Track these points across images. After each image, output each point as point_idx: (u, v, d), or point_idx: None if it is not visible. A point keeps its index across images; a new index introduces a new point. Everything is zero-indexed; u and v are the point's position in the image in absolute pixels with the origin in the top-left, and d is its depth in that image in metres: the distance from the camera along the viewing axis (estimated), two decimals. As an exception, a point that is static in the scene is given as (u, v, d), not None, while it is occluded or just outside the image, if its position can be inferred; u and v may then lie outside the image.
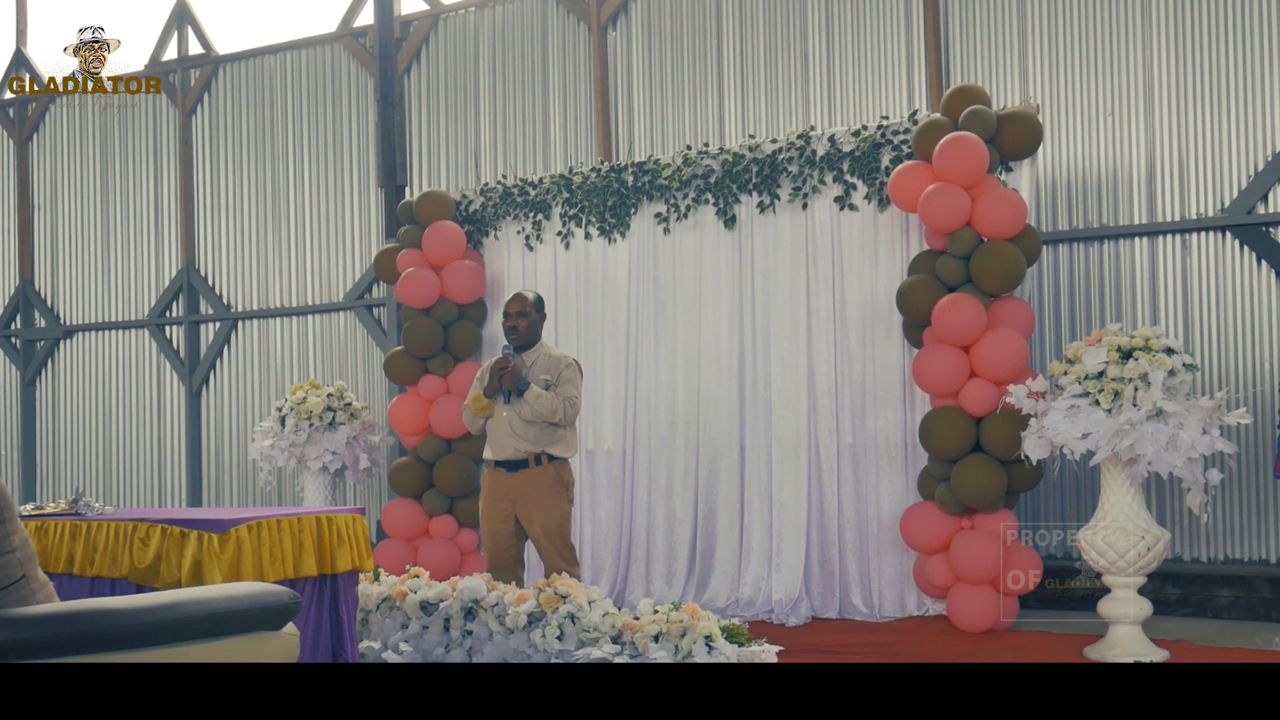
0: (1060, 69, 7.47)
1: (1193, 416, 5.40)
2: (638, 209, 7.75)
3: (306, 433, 8.29)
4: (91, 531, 4.56)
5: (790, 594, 6.94)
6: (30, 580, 2.49)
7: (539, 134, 9.16)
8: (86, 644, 2.33)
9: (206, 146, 10.67)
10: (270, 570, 4.36)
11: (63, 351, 11.43)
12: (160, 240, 10.90)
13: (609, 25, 8.92)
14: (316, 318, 10.09)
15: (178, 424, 10.76)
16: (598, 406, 7.75)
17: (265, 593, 2.70)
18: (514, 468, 5.89)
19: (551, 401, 5.76)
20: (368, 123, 9.84)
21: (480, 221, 8.36)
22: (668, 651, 4.85)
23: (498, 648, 5.24)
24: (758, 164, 7.33)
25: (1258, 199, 6.91)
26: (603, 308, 7.89)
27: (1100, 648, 5.63)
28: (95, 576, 4.52)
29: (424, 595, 5.51)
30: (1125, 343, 5.52)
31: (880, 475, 6.97)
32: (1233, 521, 6.92)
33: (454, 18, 9.61)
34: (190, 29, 10.76)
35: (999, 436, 6.21)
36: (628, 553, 7.64)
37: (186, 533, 4.32)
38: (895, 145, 6.94)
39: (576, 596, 5.21)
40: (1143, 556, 5.52)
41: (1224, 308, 6.99)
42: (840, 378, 7.09)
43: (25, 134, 11.63)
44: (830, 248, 7.16)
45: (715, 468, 7.42)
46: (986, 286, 6.34)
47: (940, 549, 6.44)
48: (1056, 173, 7.41)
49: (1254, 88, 6.97)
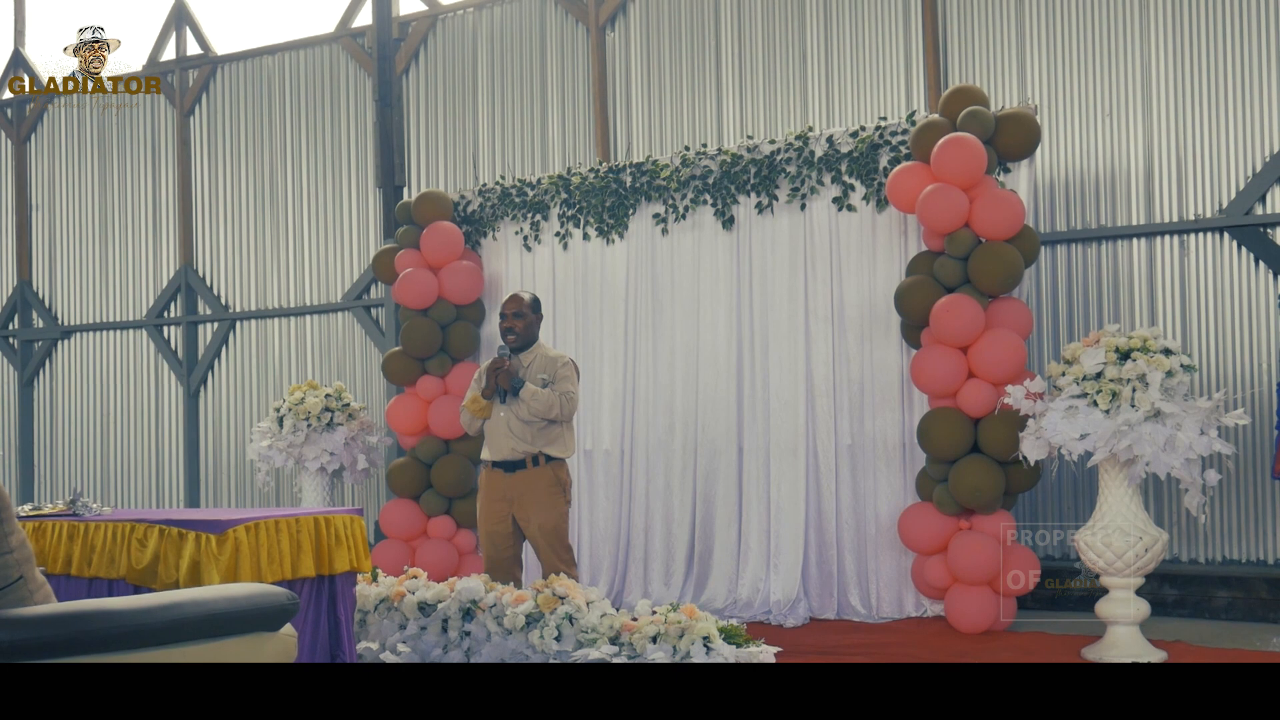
0: (1058, 70, 7.48)
1: (1191, 417, 5.40)
2: (636, 210, 7.75)
3: (304, 433, 8.29)
4: (89, 532, 4.56)
5: (788, 595, 6.94)
6: (28, 581, 2.48)
7: (537, 135, 9.16)
8: (84, 645, 2.33)
9: (205, 147, 10.66)
10: (268, 571, 4.36)
11: (60, 352, 11.43)
12: (158, 241, 10.89)
13: (607, 26, 8.92)
14: (314, 318, 10.08)
15: (175, 424, 10.75)
16: (596, 407, 7.75)
17: (263, 594, 2.70)
18: (511, 468, 5.89)
19: (548, 397, 5.77)
20: (366, 123, 9.84)
21: (478, 222, 8.36)
22: (666, 652, 4.85)
23: (495, 648, 5.24)
24: (756, 165, 7.33)
25: (1255, 200, 6.91)
26: (601, 308, 7.89)
27: (1098, 648, 5.63)
28: (93, 577, 4.52)
29: (422, 596, 5.51)
30: (1123, 343, 5.53)
31: (878, 476, 6.97)
32: (1231, 522, 6.93)
33: (452, 18, 9.61)
34: (188, 29, 10.76)
35: (997, 437, 6.21)
36: (626, 553, 7.64)
37: (184, 533, 4.32)
38: (893, 146, 6.94)
39: (574, 597, 5.21)
40: (1141, 557, 5.53)
41: (1222, 309, 6.99)
42: (838, 378, 7.09)
43: (23, 134, 11.63)
44: (828, 248, 7.16)
45: (713, 468, 7.42)
46: (984, 287, 6.34)
47: (938, 550, 6.44)
48: (1054, 174, 7.41)
49: (1252, 89, 6.97)
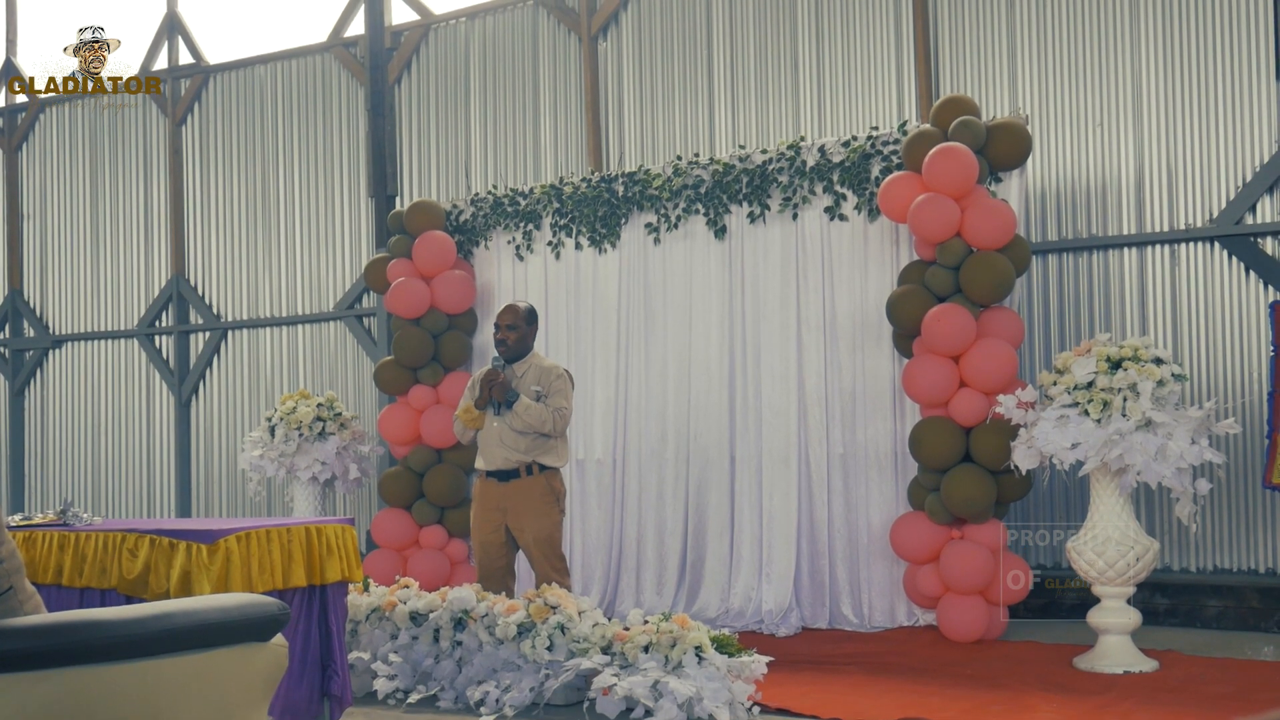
0: (1049, 80, 7.50)
1: (1181, 426, 5.41)
2: (628, 219, 7.76)
3: (296, 443, 8.27)
4: (80, 542, 4.55)
5: (780, 604, 6.94)
6: (18, 591, 2.47)
7: (529, 144, 9.17)
8: (74, 655, 2.32)
9: (196, 156, 10.66)
10: (259, 581, 4.35)
11: (51, 361, 11.40)
12: (150, 250, 10.88)
13: (599, 36, 8.93)
14: (306, 327, 10.07)
15: (167, 434, 10.73)
16: (588, 416, 7.75)
17: (254, 604, 2.69)
18: (505, 477, 5.88)
19: (541, 412, 5.77)
20: (358, 133, 9.84)
21: (470, 231, 8.36)
22: (657, 662, 4.84)
23: (487, 658, 5.23)
24: (748, 174, 7.34)
25: (1246, 210, 6.94)
26: (593, 318, 7.89)
27: (1090, 658, 5.64)
28: (84, 587, 4.50)
29: (413, 606, 5.50)
30: (1114, 353, 5.54)
31: (870, 485, 6.97)
32: (1222, 531, 6.94)
33: (444, 28, 9.62)
34: (180, 39, 10.76)
35: (988, 447, 6.22)
36: (618, 563, 7.63)
37: (175, 543, 4.31)
38: (885, 156, 6.96)
39: (566, 607, 5.21)
40: (1132, 566, 5.53)
41: (1212, 318, 7.01)
42: (830, 388, 7.10)
43: (14, 143, 11.61)
44: (820, 258, 7.17)
45: (705, 478, 7.42)
46: (976, 297, 6.35)
47: (930, 559, 6.45)
48: (1045, 183, 7.43)
49: (1242, 99, 7.00)
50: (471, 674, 5.24)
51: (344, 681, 4.65)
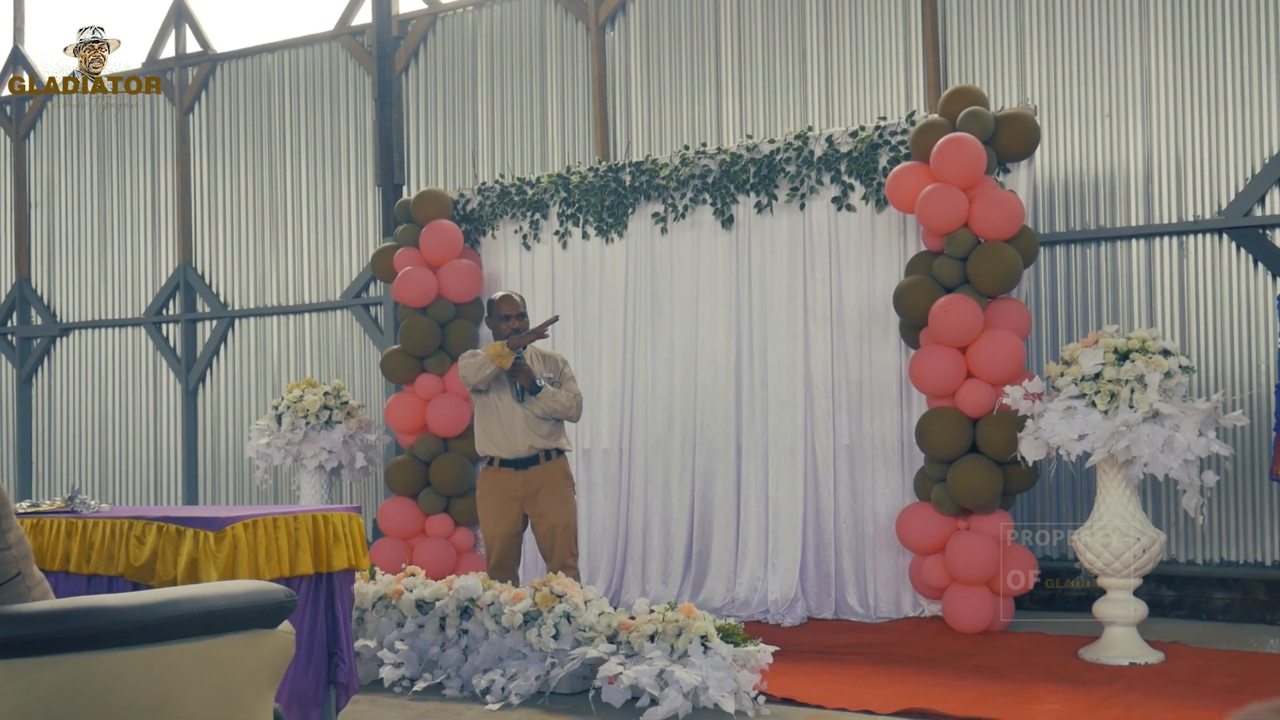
0: (1058, 71, 7.48)
1: (1189, 418, 5.40)
2: (635, 209, 7.75)
3: (303, 431, 8.29)
4: (87, 529, 4.56)
5: (786, 594, 6.94)
6: (26, 577, 2.48)
7: (537, 133, 9.16)
8: (82, 641, 2.33)
9: (204, 145, 10.66)
10: (266, 568, 4.36)
11: (59, 349, 11.42)
12: (157, 238, 10.89)
13: (607, 25, 8.92)
14: (313, 316, 10.08)
15: (174, 422, 10.75)
16: (595, 406, 7.75)
17: (261, 590, 2.69)
18: (524, 465, 5.88)
19: (565, 398, 5.87)
20: (365, 121, 9.84)
21: (478, 221, 8.36)
22: (663, 651, 4.85)
23: (493, 647, 5.24)
24: (755, 164, 7.33)
25: (1254, 201, 6.92)
26: (600, 307, 7.89)
27: (1095, 649, 5.64)
28: (91, 574, 4.51)
29: (420, 594, 5.51)
30: (1122, 344, 5.53)
31: (876, 476, 6.97)
32: (1228, 524, 6.93)
33: (452, 17, 9.61)
34: (188, 27, 10.76)
35: (995, 437, 6.21)
36: (624, 552, 7.65)
37: (182, 530, 4.31)
38: (893, 146, 6.94)
39: (572, 596, 5.21)
40: (1138, 558, 5.53)
41: (1220, 310, 7.00)
42: (837, 378, 7.10)
43: (22, 131, 11.62)
44: (827, 248, 7.16)
45: (711, 467, 7.42)
46: (983, 287, 6.34)
47: (936, 550, 6.45)
48: (1054, 174, 7.41)
49: (1251, 91, 6.97)
50: (477, 662, 5.25)
51: (350, 669, 4.66)
